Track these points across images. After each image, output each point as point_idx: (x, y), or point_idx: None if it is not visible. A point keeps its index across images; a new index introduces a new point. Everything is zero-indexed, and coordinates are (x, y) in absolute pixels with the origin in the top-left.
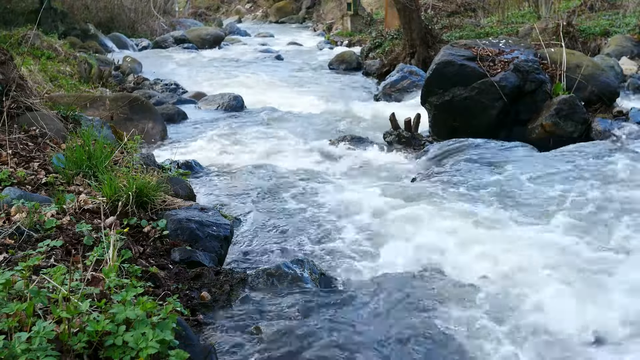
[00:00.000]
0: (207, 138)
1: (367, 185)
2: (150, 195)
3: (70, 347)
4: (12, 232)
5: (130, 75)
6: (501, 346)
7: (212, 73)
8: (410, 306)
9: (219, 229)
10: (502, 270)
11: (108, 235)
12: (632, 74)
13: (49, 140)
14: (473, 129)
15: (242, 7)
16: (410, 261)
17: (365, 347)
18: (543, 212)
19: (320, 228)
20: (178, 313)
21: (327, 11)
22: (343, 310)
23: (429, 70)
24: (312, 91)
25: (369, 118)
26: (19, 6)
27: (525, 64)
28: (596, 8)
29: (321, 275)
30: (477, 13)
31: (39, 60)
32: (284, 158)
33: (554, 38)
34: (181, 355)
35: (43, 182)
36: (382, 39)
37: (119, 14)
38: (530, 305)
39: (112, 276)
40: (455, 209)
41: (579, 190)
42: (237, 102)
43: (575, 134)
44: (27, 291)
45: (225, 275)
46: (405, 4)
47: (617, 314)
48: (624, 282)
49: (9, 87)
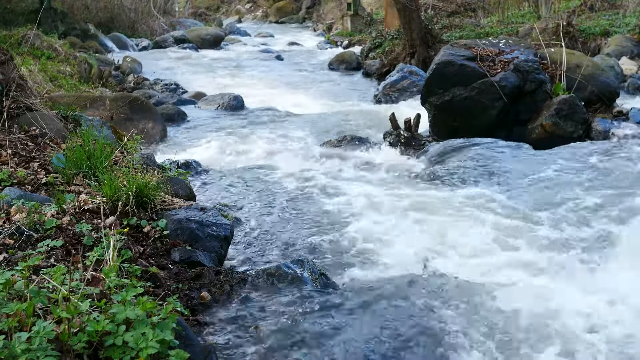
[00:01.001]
0: (207, 138)
1: (367, 185)
2: (150, 195)
3: (70, 347)
4: (12, 232)
5: (130, 75)
6: (502, 346)
7: (212, 73)
8: (410, 306)
9: (219, 229)
10: (502, 270)
11: (108, 235)
12: (632, 74)
13: (49, 140)
14: (473, 129)
15: (242, 7)
16: (410, 261)
17: (366, 347)
18: (543, 212)
19: (320, 228)
20: (178, 313)
21: (327, 11)
22: (343, 310)
23: (429, 70)
24: (312, 91)
25: (369, 118)
26: (19, 6)
27: (525, 64)
28: (596, 8)
29: (321, 275)
30: (477, 13)
31: (39, 60)
32: (284, 158)
33: (554, 38)
34: (181, 355)
35: (43, 182)
36: (382, 39)
37: (119, 14)
38: (532, 306)
39: (112, 276)
40: (456, 209)
41: (579, 190)
42: (237, 102)
43: (575, 134)
44: (27, 291)
45: (225, 275)
46: (405, 4)
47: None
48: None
49: (9, 87)
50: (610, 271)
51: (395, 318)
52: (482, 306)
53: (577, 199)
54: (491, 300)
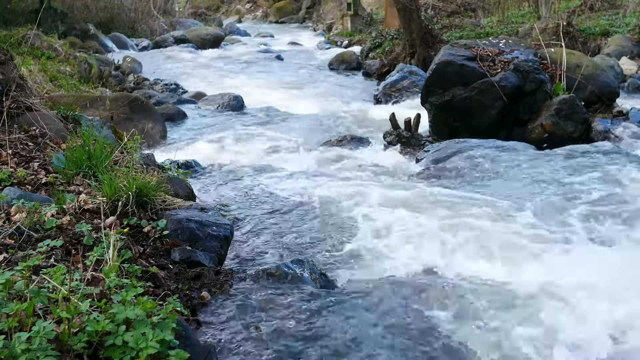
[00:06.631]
0: (207, 138)
1: (367, 185)
2: (150, 195)
3: (70, 347)
4: (12, 232)
5: (130, 75)
6: (501, 346)
7: (212, 73)
8: (410, 306)
9: (219, 229)
10: (501, 270)
11: (108, 235)
12: (632, 74)
13: (49, 140)
14: (473, 129)
15: (242, 7)
16: (410, 261)
17: (365, 347)
18: (543, 212)
19: (320, 228)
20: (178, 313)
21: (327, 11)
22: (343, 310)
23: (429, 70)
24: (312, 91)
25: (369, 118)
26: (19, 6)
27: (525, 64)
28: (596, 8)
29: (321, 275)
30: (477, 13)
31: (39, 60)
32: (284, 158)
33: (554, 38)
34: (181, 355)
35: (43, 182)
36: (382, 39)
37: (119, 14)
38: (532, 306)
39: (112, 276)
40: (456, 209)
41: (579, 190)
42: (237, 102)
43: (575, 134)
44: (27, 291)
45: (225, 275)
46: (405, 4)
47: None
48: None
49: (9, 87)
50: (611, 271)
51: (395, 318)
52: (482, 306)
53: (577, 199)
54: (491, 300)
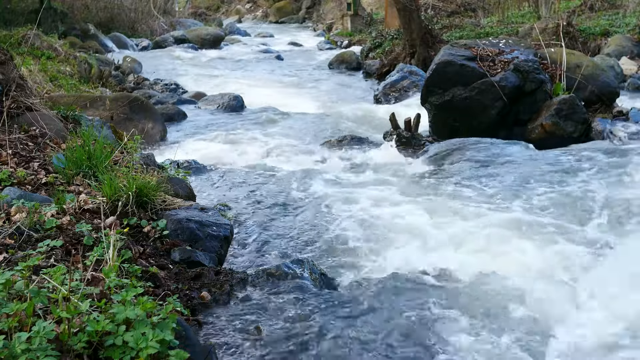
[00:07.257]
0: (207, 138)
1: (367, 185)
2: (150, 195)
3: (70, 347)
4: (12, 232)
5: (130, 75)
6: (501, 346)
7: (212, 73)
8: (411, 306)
9: (219, 229)
10: (501, 269)
11: (108, 235)
12: (632, 74)
13: (49, 140)
14: (473, 129)
15: (242, 7)
16: (410, 260)
17: (365, 347)
18: (543, 211)
19: (320, 228)
20: (178, 313)
21: (327, 11)
22: (343, 310)
23: (429, 70)
24: (312, 91)
25: (369, 118)
26: (19, 6)
27: (525, 64)
28: (596, 8)
29: (321, 275)
30: (477, 13)
31: (39, 60)
32: (284, 158)
33: (554, 38)
34: (181, 355)
35: (43, 182)
36: (382, 39)
37: (119, 14)
38: (531, 305)
39: (112, 276)
40: (456, 209)
41: (578, 190)
42: (237, 102)
43: (575, 134)
44: (27, 291)
45: (225, 275)
46: (405, 4)
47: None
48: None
49: (9, 87)
50: (609, 269)
51: (395, 317)
52: (483, 306)
53: (577, 199)
54: (492, 301)
